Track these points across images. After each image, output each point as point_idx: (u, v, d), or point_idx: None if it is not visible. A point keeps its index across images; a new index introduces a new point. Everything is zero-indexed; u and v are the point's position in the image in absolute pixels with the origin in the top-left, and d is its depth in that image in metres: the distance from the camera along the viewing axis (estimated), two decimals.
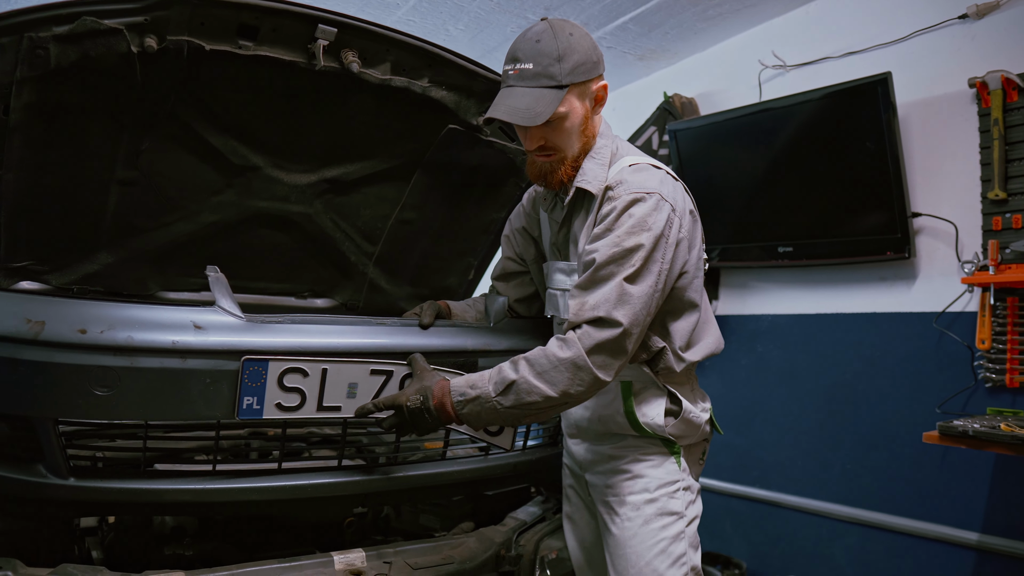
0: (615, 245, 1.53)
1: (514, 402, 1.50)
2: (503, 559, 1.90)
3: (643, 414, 1.67)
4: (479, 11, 3.45)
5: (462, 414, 1.55)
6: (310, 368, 1.63)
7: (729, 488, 3.64)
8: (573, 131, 1.62)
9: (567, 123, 1.60)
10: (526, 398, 1.50)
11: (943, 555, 2.80)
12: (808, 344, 3.35)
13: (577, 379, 1.50)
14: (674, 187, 1.64)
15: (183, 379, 1.52)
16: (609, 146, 1.70)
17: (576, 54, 1.57)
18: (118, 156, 1.96)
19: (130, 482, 1.57)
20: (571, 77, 1.57)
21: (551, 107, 1.55)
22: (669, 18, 3.49)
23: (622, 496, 1.68)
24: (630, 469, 1.69)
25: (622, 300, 1.51)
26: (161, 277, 2.34)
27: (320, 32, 1.80)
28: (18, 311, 1.48)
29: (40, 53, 1.63)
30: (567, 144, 1.63)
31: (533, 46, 1.56)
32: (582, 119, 1.63)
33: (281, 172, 2.20)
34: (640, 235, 1.53)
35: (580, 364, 1.49)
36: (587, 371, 1.49)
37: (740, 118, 3.39)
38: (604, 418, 1.72)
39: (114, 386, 1.47)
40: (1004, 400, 2.66)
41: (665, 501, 1.67)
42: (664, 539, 1.64)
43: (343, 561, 1.69)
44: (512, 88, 1.57)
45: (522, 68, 1.57)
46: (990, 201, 2.68)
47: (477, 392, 1.53)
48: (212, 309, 1.62)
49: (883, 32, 3.06)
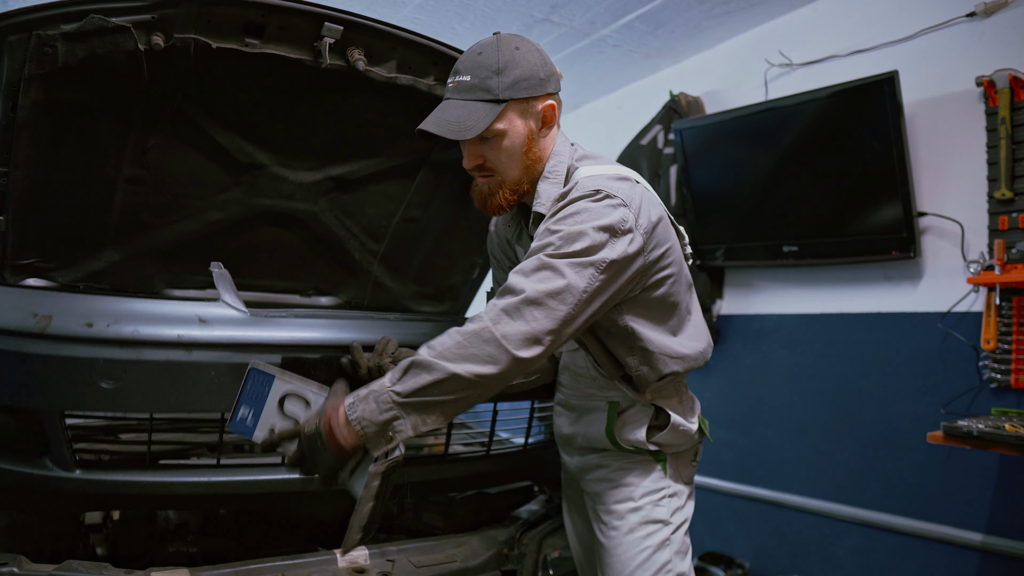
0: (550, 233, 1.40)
1: (413, 387, 1.30)
2: (506, 558, 1.91)
3: (623, 433, 1.65)
4: (485, 9, 3.44)
5: (353, 421, 1.31)
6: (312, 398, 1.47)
7: (733, 488, 3.64)
8: (514, 152, 1.50)
9: (505, 142, 1.49)
10: (425, 377, 1.30)
11: (947, 556, 2.80)
12: (813, 344, 3.34)
13: (484, 353, 1.31)
14: (632, 189, 1.47)
15: (188, 372, 1.54)
16: (565, 162, 1.56)
17: (518, 68, 1.46)
18: (125, 154, 1.97)
19: (136, 475, 1.58)
20: (510, 92, 1.46)
21: (484, 122, 1.44)
22: (676, 16, 3.48)
23: (608, 505, 1.67)
24: (614, 478, 1.68)
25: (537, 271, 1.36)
26: (167, 275, 2.35)
27: (326, 30, 1.80)
28: (26, 305, 1.49)
29: (48, 51, 1.63)
30: (505, 166, 1.51)
31: (474, 58, 1.48)
32: (524, 140, 1.50)
33: (287, 170, 2.20)
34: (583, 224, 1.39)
35: (485, 336, 1.31)
36: (493, 343, 1.31)
37: (746, 117, 3.38)
38: (589, 436, 1.71)
39: (120, 379, 1.48)
40: (1009, 400, 2.65)
41: (650, 509, 1.65)
42: (648, 548, 1.62)
43: (346, 559, 1.70)
44: (448, 100, 1.49)
45: (459, 80, 1.48)
46: (996, 200, 2.67)
47: (369, 389, 1.33)
48: (216, 303, 1.63)
49: (890, 31, 3.05)
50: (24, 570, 1.45)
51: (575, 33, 3.68)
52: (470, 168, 1.54)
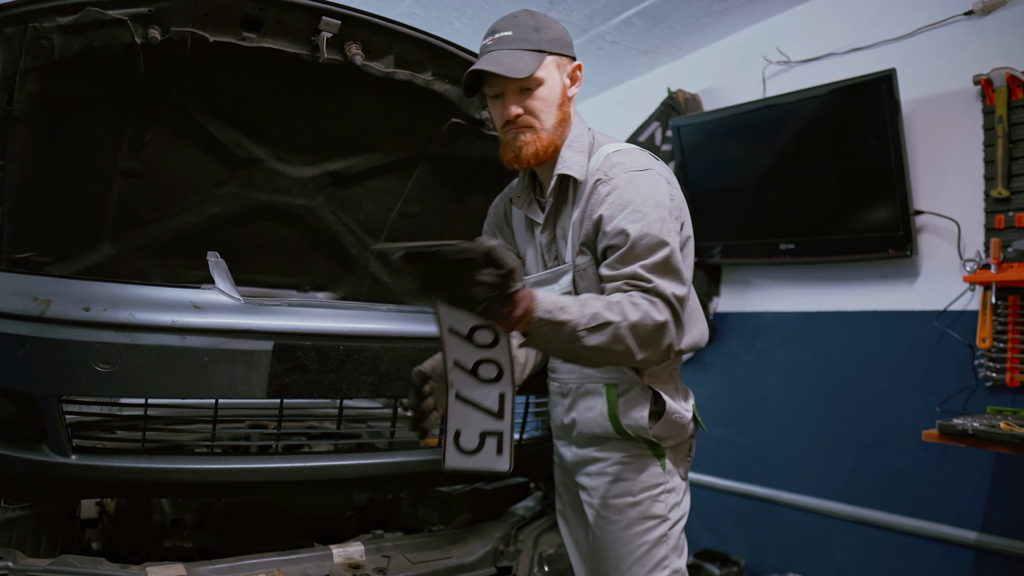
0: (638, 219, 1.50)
1: (596, 344, 1.41)
2: (502, 554, 1.91)
3: (626, 416, 1.65)
4: (483, 5, 3.44)
5: (535, 327, 1.38)
6: None
7: (728, 485, 3.65)
8: (551, 102, 1.61)
9: (545, 90, 1.60)
10: (614, 346, 1.41)
11: (942, 554, 2.81)
12: (809, 342, 3.35)
13: (662, 346, 1.46)
14: (662, 164, 1.66)
15: (182, 357, 1.55)
16: (585, 136, 1.67)
17: (551, 29, 1.62)
18: (121, 147, 1.96)
19: (132, 461, 1.58)
20: (549, 46, 1.60)
21: (531, 66, 1.56)
22: (674, 13, 3.48)
23: (606, 499, 1.68)
24: (613, 472, 1.68)
25: (669, 269, 1.50)
26: (163, 269, 2.34)
27: (324, 24, 1.80)
28: (25, 289, 1.51)
29: (44, 43, 1.63)
30: (544, 115, 1.61)
31: (511, 20, 1.61)
32: (559, 93, 1.63)
33: (284, 165, 2.20)
34: (656, 207, 1.52)
35: (667, 331, 1.45)
36: (668, 338, 1.46)
37: (744, 114, 3.38)
38: (588, 421, 1.71)
39: (116, 363, 1.50)
40: (1004, 399, 2.66)
41: (648, 505, 1.65)
42: (645, 543, 1.64)
43: (342, 554, 1.70)
44: (492, 52, 1.59)
45: (501, 35, 1.59)
46: (993, 199, 2.67)
47: (566, 318, 1.39)
48: (211, 290, 1.64)
49: (888, 28, 3.05)
50: (19, 564, 1.45)
51: (573, 29, 3.68)
52: (511, 117, 1.60)
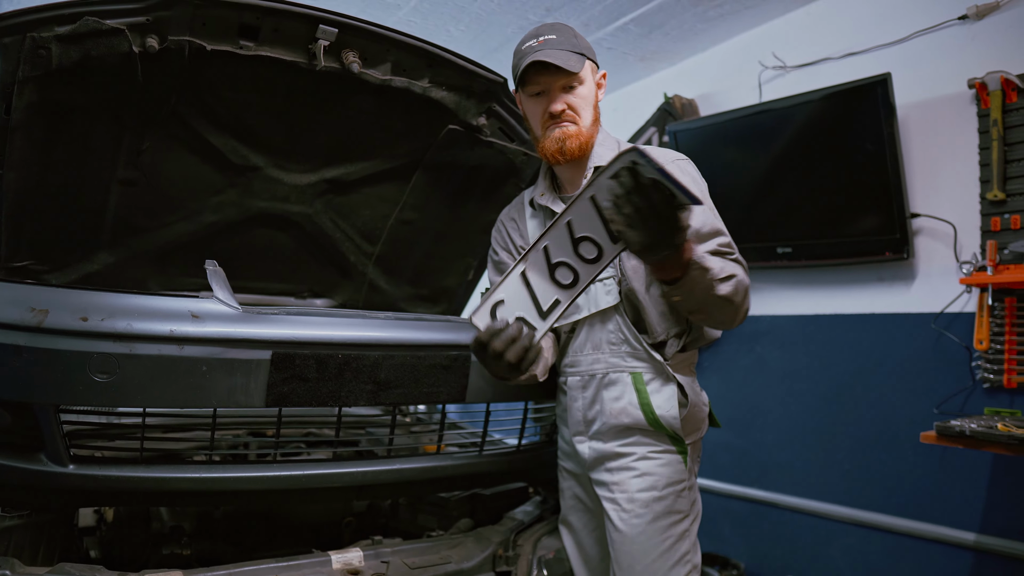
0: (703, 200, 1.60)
1: (726, 292, 1.55)
2: (500, 559, 1.91)
3: (658, 406, 1.69)
4: (480, 12, 3.45)
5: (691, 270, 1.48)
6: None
7: (727, 488, 3.64)
8: (589, 102, 1.74)
9: (585, 89, 1.72)
10: (735, 297, 1.57)
11: (940, 555, 2.81)
12: (807, 345, 3.35)
13: (748, 306, 1.64)
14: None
15: (180, 367, 1.54)
16: (611, 137, 1.83)
17: (584, 40, 1.75)
18: (119, 156, 1.97)
19: (130, 470, 1.58)
20: (587, 51, 1.72)
21: (579, 65, 1.66)
22: (670, 19, 3.49)
23: (630, 493, 1.69)
24: (638, 467, 1.70)
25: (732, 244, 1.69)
26: (161, 277, 2.35)
27: (321, 32, 1.81)
28: (23, 299, 1.50)
29: (42, 53, 1.63)
30: (584, 113, 1.73)
31: (552, 26, 1.72)
32: (593, 95, 1.76)
33: (281, 172, 2.20)
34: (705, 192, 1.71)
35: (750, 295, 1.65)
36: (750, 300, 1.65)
37: (740, 119, 3.39)
38: (615, 411, 1.71)
39: (114, 373, 1.49)
40: (1002, 400, 2.66)
41: (673, 500, 1.68)
42: (670, 537, 1.67)
43: (340, 560, 1.69)
44: (541, 50, 1.66)
45: (546, 38, 1.68)
46: (989, 202, 2.68)
47: (709, 265, 1.51)
48: (209, 299, 1.64)
49: (883, 33, 3.06)
50: (17, 572, 1.45)
51: None
52: (557, 112, 1.70)
